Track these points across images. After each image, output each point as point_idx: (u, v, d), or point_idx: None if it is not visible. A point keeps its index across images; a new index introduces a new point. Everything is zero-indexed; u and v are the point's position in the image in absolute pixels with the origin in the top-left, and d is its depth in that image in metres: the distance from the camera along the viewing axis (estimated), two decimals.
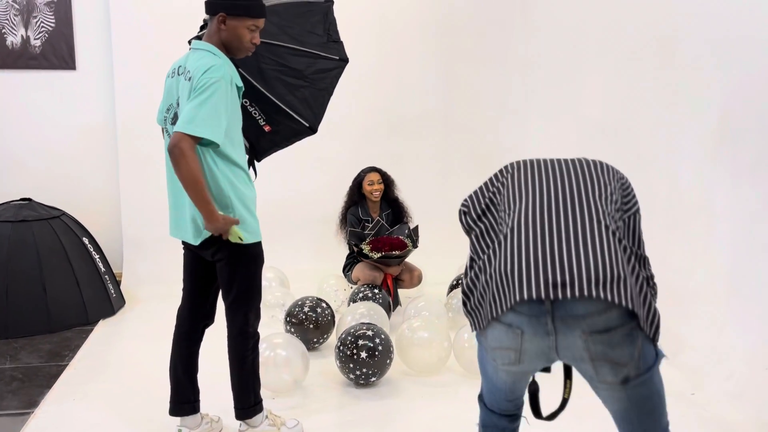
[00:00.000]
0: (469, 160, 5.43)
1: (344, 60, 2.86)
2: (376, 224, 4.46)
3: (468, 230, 1.92)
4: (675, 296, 3.43)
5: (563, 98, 4.68)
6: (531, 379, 1.92)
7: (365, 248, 4.22)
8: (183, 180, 2.27)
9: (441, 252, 4.36)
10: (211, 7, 2.42)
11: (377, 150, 5.24)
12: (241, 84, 2.44)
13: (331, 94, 2.86)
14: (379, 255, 4.17)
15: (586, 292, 1.58)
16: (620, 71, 4.02)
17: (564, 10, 4.67)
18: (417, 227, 4.40)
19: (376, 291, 4.07)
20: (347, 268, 4.55)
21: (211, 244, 2.45)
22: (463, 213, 1.94)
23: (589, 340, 1.61)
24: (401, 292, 4.59)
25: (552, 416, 1.93)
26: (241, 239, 2.40)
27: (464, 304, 1.87)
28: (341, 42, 2.89)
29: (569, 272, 1.62)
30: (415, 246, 4.31)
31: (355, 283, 4.38)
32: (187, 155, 2.23)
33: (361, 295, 4.04)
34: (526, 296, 1.62)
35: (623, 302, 1.58)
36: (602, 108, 4.20)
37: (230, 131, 2.38)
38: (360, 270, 4.31)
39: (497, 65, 5.48)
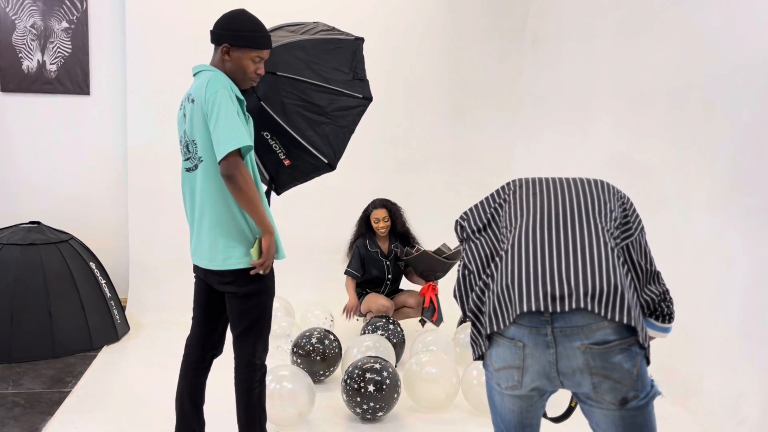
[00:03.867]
0: (479, 194, 5.41)
1: (368, 98, 2.86)
2: (389, 256, 4.45)
3: (463, 239, 1.99)
4: (687, 339, 3.39)
5: (573, 136, 4.70)
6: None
7: (412, 251, 4.29)
8: (247, 203, 2.30)
9: (451, 284, 4.32)
10: (215, 37, 2.43)
11: (386, 182, 5.25)
12: (242, 97, 2.43)
13: (352, 131, 2.86)
14: (433, 250, 4.20)
15: (582, 305, 1.65)
16: (631, 112, 4.04)
17: (575, 50, 4.71)
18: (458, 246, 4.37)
19: (391, 324, 4.02)
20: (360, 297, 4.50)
21: (226, 274, 2.43)
22: (460, 226, 2.01)
23: (588, 352, 1.65)
24: (410, 321, 4.54)
25: (557, 419, 1.99)
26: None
27: (474, 325, 1.88)
28: (367, 80, 2.89)
29: (567, 285, 1.69)
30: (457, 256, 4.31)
31: (364, 315, 4.33)
32: (244, 175, 2.25)
33: (372, 327, 3.99)
34: (525, 308, 1.69)
35: (616, 317, 1.64)
36: (612, 148, 4.21)
37: None
38: (372, 300, 4.28)
39: (507, 101, 5.52)
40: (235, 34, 2.38)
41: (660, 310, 1.91)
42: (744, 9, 3.20)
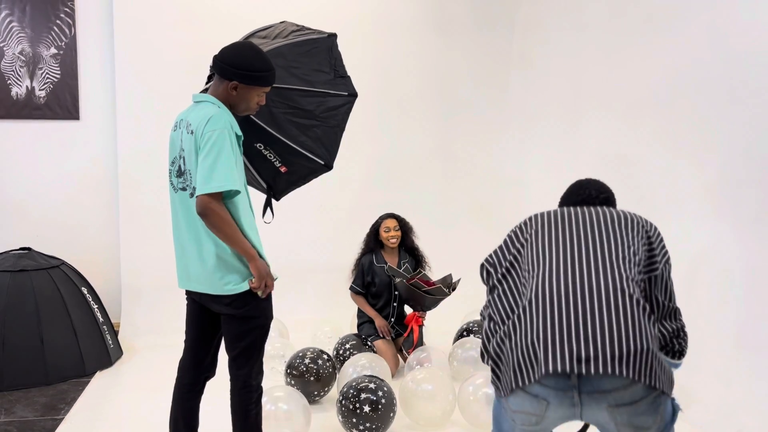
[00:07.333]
0: (470, 208, 5.46)
1: (353, 95, 2.87)
2: (393, 270, 4.18)
3: (491, 288, 1.92)
4: None
5: (562, 146, 4.73)
6: None
7: (398, 277, 4.05)
8: (225, 237, 2.32)
9: (445, 301, 4.33)
10: (224, 72, 2.41)
11: (378, 198, 5.25)
12: (240, 133, 2.45)
13: (343, 129, 2.87)
14: (410, 280, 3.99)
15: (610, 369, 1.60)
16: (619, 121, 4.07)
17: (562, 65, 4.76)
18: (459, 280, 4.17)
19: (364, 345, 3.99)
20: (361, 326, 4.33)
21: (223, 297, 2.43)
22: (486, 271, 1.94)
23: (615, 411, 1.64)
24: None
25: None
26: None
27: (493, 371, 1.85)
28: (348, 77, 2.89)
29: (593, 346, 1.63)
30: (448, 293, 4.10)
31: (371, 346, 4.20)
32: (220, 214, 2.28)
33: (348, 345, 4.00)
34: (551, 370, 1.63)
35: (646, 380, 1.61)
36: (601, 157, 4.23)
37: None
38: (379, 345, 4.12)
39: (496, 113, 5.56)
40: (246, 74, 2.39)
41: (671, 346, 1.88)
42: (730, 17, 3.24)
